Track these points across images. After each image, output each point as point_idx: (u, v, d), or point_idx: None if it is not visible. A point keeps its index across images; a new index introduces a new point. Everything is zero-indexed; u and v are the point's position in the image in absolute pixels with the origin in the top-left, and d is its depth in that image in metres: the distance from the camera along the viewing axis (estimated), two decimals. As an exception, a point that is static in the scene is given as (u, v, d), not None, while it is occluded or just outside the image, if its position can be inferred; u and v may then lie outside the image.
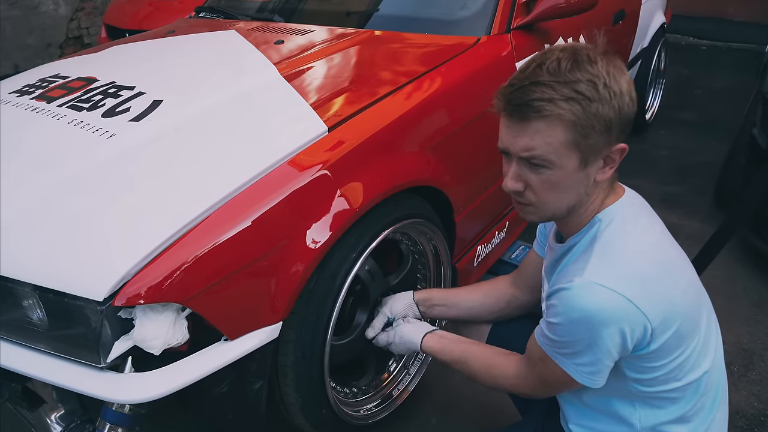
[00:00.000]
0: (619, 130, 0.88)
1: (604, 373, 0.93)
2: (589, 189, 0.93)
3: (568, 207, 0.94)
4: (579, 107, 0.85)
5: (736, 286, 2.14)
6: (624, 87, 0.87)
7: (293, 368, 1.22)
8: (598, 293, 0.86)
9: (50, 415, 1.22)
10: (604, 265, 0.89)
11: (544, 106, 0.85)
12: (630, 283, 0.87)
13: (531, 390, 1.05)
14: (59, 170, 1.21)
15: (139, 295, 0.98)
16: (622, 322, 0.86)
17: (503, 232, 1.96)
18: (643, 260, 0.90)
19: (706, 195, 2.72)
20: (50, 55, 5.03)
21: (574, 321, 0.88)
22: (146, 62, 1.78)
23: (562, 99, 0.85)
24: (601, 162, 0.90)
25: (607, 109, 0.85)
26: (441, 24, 1.84)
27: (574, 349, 0.91)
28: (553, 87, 0.85)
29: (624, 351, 0.89)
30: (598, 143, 0.88)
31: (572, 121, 0.85)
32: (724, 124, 3.40)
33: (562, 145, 0.87)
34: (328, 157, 1.22)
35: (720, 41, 5.33)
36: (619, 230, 0.93)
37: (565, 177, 0.90)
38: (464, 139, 1.58)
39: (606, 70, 0.86)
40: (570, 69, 0.85)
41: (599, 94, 0.85)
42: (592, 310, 0.86)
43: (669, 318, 0.90)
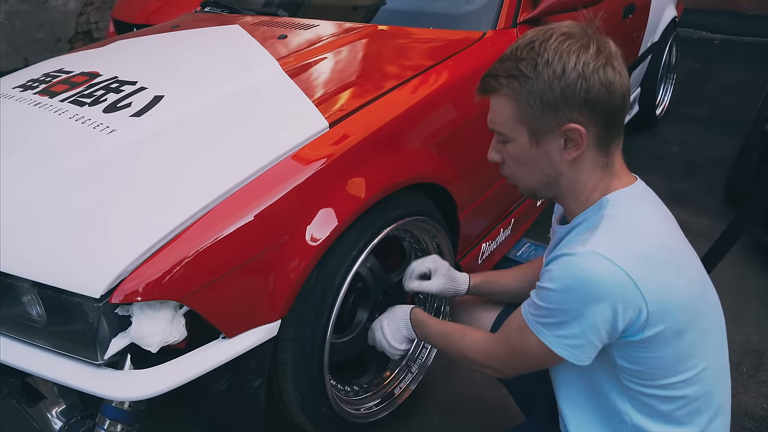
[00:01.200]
0: (569, 107, 0.88)
1: (589, 350, 0.89)
2: (560, 167, 0.93)
3: (541, 184, 0.96)
4: (517, 83, 0.89)
5: (746, 285, 2.10)
6: (569, 67, 0.86)
7: (293, 366, 1.21)
8: (599, 263, 0.84)
9: (51, 410, 1.22)
10: (610, 239, 0.87)
11: (489, 82, 0.93)
12: (634, 261, 0.85)
13: (497, 363, 1.02)
14: (59, 166, 1.20)
15: (137, 292, 0.97)
16: (617, 298, 0.84)
17: (509, 229, 1.94)
18: (651, 242, 0.89)
19: (716, 192, 2.68)
20: (60, 49, 5.05)
21: (569, 288, 0.86)
22: (149, 57, 1.78)
23: (504, 75, 0.91)
24: (560, 141, 0.91)
25: (543, 86, 0.88)
26: (446, 18, 1.82)
27: (559, 318, 0.88)
28: (503, 63, 0.91)
29: (613, 331, 0.87)
30: (543, 120, 0.90)
31: (512, 96, 0.90)
32: (736, 119, 3.35)
33: (509, 118, 0.92)
34: (329, 153, 1.20)
35: (733, 35, 5.25)
36: (628, 210, 0.92)
37: (522, 151, 0.94)
38: (468, 136, 1.56)
39: (556, 48, 0.87)
40: (526, 47, 0.89)
41: (536, 72, 0.88)
42: (590, 280, 0.84)
43: (668, 307, 0.87)
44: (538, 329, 0.91)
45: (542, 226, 2.35)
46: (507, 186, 1.81)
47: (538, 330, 0.91)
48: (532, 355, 0.94)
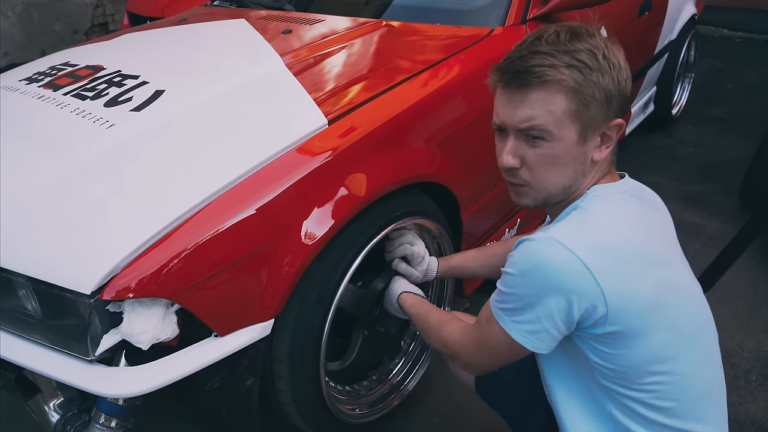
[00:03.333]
0: (617, 104, 0.88)
1: (545, 338, 0.87)
2: (585, 168, 0.91)
3: (564, 188, 0.91)
4: (580, 75, 0.84)
5: (759, 291, 2.05)
6: (622, 62, 0.87)
7: (288, 365, 1.20)
8: (555, 250, 0.82)
9: (49, 402, 1.23)
10: (572, 228, 0.86)
11: (546, 72, 0.84)
12: (594, 252, 0.82)
13: (466, 354, 1.00)
14: (57, 160, 1.20)
15: (128, 288, 0.96)
16: (571, 287, 0.82)
17: (514, 229, 1.91)
18: (618, 236, 0.86)
19: (731, 195, 2.61)
20: (76, 41, 5.09)
21: (524, 272, 0.85)
22: (154, 51, 1.77)
23: (563, 66, 0.84)
24: (598, 139, 0.89)
25: (608, 79, 0.85)
26: (454, 14, 1.79)
27: (516, 303, 0.87)
28: (554, 55, 0.84)
29: (569, 321, 0.84)
30: (597, 116, 0.87)
31: (574, 88, 0.84)
32: (756, 120, 3.27)
33: (564, 114, 0.85)
34: (328, 151, 1.18)
35: (756, 33, 5.12)
36: (602, 203, 0.90)
37: (564, 151, 0.88)
38: (473, 135, 1.53)
39: (604, 43, 0.86)
40: (569, 39, 0.85)
41: (599, 64, 0.85)
42: (544, 266, 0.83)
43: (630, 304, 0.84)
44: (499, 316, 0.90)
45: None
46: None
47: (499, 316, 0.90)
48: (496, 344, 0.92)
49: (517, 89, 0.87)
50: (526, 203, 0.95)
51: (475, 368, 1.04)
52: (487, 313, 0.94)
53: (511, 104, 0.88)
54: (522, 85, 0.86)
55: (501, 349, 0.93)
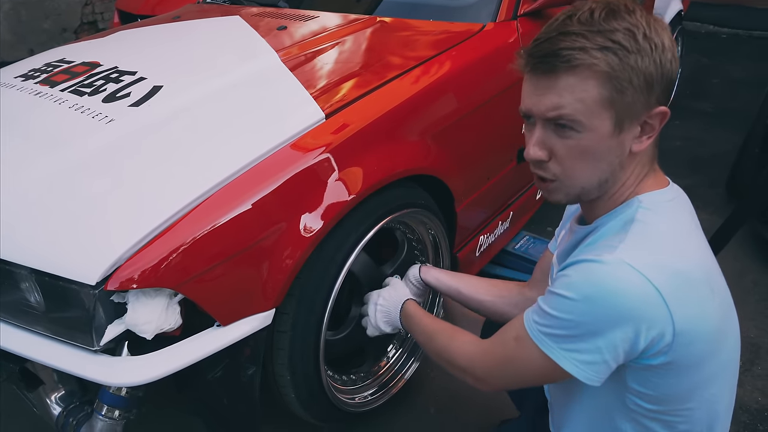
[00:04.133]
0: (660, 90, 0.78)
1: (601, 369, 0.78)
2: (623, 161, 0.81)
3: (600, 182, 0.82)
4: (615, 58, 0.74)
5: (746, 279, 2.10)
6: (666, 42, 0.77)
7: (288, 355, 1.22)
8: (628, 275, 0.73)
9: (50, 395, 1.24)
10: (642, 247, 0.76)
11: (575, 55, 0.75)
12: (667, 276, 0.74)
13: (483, 371, 0.91)
14: (57, 155, 1.21)
15: (132, 279, 0.98)
16: (642, 316, 0.74)
17: (507, 222, 1.94)
18: (688, 257, 0.78)
19: (718, 187, 2.67)
20: (65, 40, 5.06)
21: (589, 299, 0.75)
22: (150, 48, 1.78)
23: (596, 48, 0.75)
24: (637, 129, 0.79)
25: (648, 62, 0.75)
26: (446, 10, 1.81)
27: (572, 331, 0.77)
28: (585, 36, 0.75)
29: (632, 351, 0.76)
30: (636, 103, 0.77)
31: (607, 73, 0.75)
32: (741, 114, 3.33)
33: (596, 102, 0.76)
34: (326, 144, 1.21)
35: (741, 29, 5.20)
36: (663, 217, 0.81)
37: (597, 143, 0.79)
38: (466, 128, 1.56)
39: (646, 20, 0.76)
40: (605, 18, 0.75)
41: (638, 45, 0.75)
42: (615, 293, 0.73)
43: (696, 332, 0.77)
44: (542, 340, 0.80)
45: (542, 218, 2.35)
46: (506, 179, 1.83)
47: (541, 341, 0.80)
48: (530, 367, 0.83)
49: (543, 75, 0.78)
50: (558, 200, 0.86)
51: (492, 386, 0.94)
52: (517, 332, 0.85)
53: (537, 91, 0.80)
54: (549, 71, 0.77)
55: (534, 373, 0.84)
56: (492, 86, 1.65)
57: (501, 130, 1.75)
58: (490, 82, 1.65)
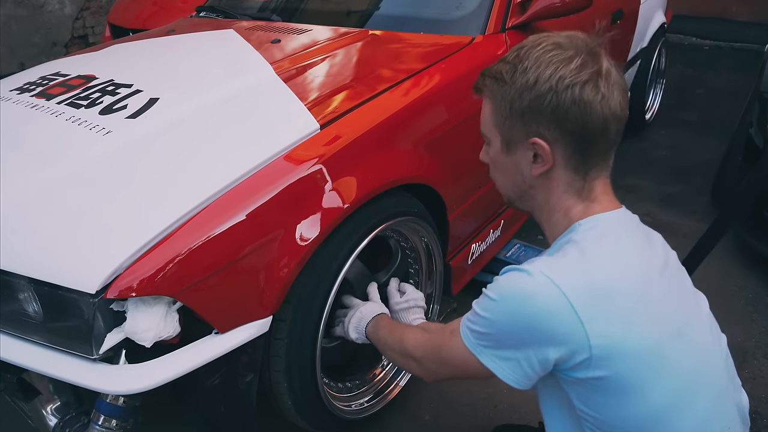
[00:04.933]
0: (537, 121, 0.84)
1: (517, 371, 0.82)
2: (532, 183, 0.90)
3: (516, 194, 0.95)
4: (496, 86, 0.88)
5: (732, 284, 2.14)
6: (541, 78, 0.82)
7: (285, 362, 1.23)
8: (543, 287, 0.78)
9: (46, 407, 1.24)
10: (562, 262, 0.82)
11: (477, 80, 0.92)
12: (584, 292, 0.78)
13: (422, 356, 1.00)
14: (56, 166, 1.23)
15: (131, 287, 1.00)
16: (553, 333, 0.77)
17: (498, 230, 1.97)
18: (612, 273, 0.81)
19: (704, 194, 2.72)
20: (55, 53, 5.07)
21: (506, 303, 0.81)
22: (145, 61, 1.81)
23: (489, 76, 0.89)
24: (529, 154, 0.88)
25: (513, 94, 0.85)
26: (436, 23, 1.85)
27: (490, 330, 0.83)
28: (497, 64, 0.89)
29: (546, 360, 0.80)
30: (513, 128, 0.88)
31: (490, 99, 0.90)
32: (725, 123, 3.40)
33: (488, 121, 0.91)
34: (320, 154, 1.23)
35: (723, 41, 5.32)
36: (597, 235, 0.85)
37: (497, 157, 0.93)
38: (457, 138, 1.59)
39: (538, 57, 0.83)
40: (515, 50, 0.88)
41: (512, 79, 0.85)
42: (527, 300, 0.79)
43: (621, 349, 0.78)
44: (466, 335, 0.87)
45: (532, 227, 2.39)
46: (495, 189, 1.86)
47: (466, 336, 0.87)
48: (457, 359, 0.90)
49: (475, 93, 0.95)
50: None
51: (430, 375, 1.02)
52: (454, 325, 0.92)
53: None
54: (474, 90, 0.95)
55: (461, 366, 0.90)
56: (481, 97, 1.68)
57: (491, 139, 1.78)
58: (480, 93, 1.68)
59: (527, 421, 1.57)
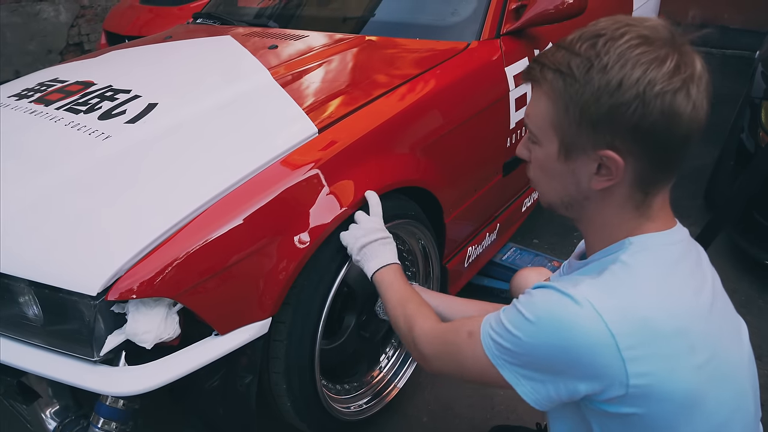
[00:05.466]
0: (611, 131, 0.71)
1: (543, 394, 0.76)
2: (588, 194, 0.78)
3: (562, 203, 0.82)
4: (561, 83, 0.73)
5: (725, 287, 2.12)
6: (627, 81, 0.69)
7: (284, 363, 1.24)
8: (586, 317, 0.69)
9: (45, 410, 1.24)
10: (609, 289, 0.72)
11: (533, 70, 0.77)
12: (630, 326, 0.69)
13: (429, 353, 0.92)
14: (56, 171, 1.24)
15: (132, 290, 1.00)
16: (589, 366, 0.70)
17: (494, 233, 1.99)
18: (665, 307, 0.72)
19: (697, 199, 2.75)
20: (50, 61, 5.08)
21: (541, 322, 0.73)
22: (143, 67, 1.82)
23: (551, 68, 0.74)
24: (593, 165, 0.75)
25: (588, 97, 0.71)
26: (432, 29, 1.88)
27: (519, 349, 0.76)
28: (558, 52, 0.75)
29: (574, 392, 0.73)
30: (579, 135, 0.74)
31: (551, 96, 0.75)
32: (717, 129, 3.42)
33: (545, 120, 0.77)
34: (319, 157, 1.25)
35: (715, 48, 5.38)
36: (650, 260, 0.76)
37: (548, 161, 0.79)
38: (454, 142, 1.61)
39: (622, 53, 0.69)
40: (588, 40, 0.72)
41: (587, 77, 0.70)
42: (567, 327, 0.70)
43: (660, 389, 0.71)
44: (489, 347, 0.79)
45: (528, 231, 2.41)
46: (493, 191, 1.88)
47: (489, 347, 0.79)
48: (473, 365, 0.82)
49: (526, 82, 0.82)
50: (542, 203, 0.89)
51: (433, 368, 0.94)
52: (472, 327, 0.84)
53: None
54: (526, 79, 0.81)
55: (476, 372, 0.83)
56: (477, 102, 1.71)
57: (487, 144, 1.80)
58: (475, 98, 1.70)
59: (524, 422, 1.58)
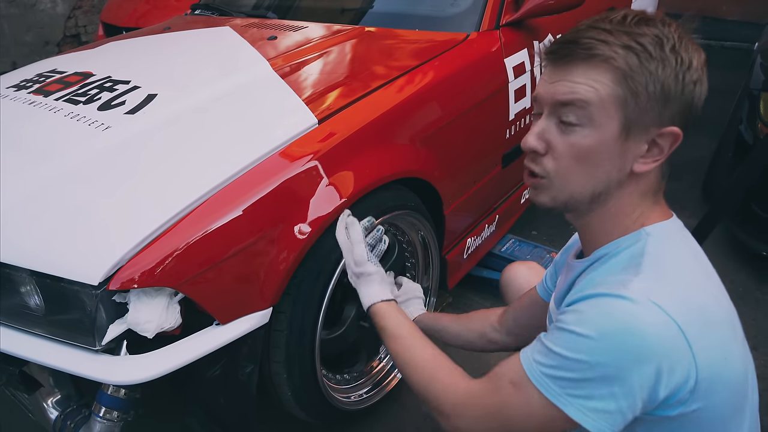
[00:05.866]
0: (677, 108, 0.73)
1: (617, 419, 0.68)
2: (622, 179, 0.75)
3: (592, 194, 0.76)
4: (636, 59, 0.71)
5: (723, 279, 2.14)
6: (695, 62, 0.73)
7: (285, 353, 1.25)
8: (649, 311, 0.66)
9: (47, 399, 1.25)
10: (661, 282, 0.70)
11: (596, 45, 0.72)
12: (690, 315, 0.67)
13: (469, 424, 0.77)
14: (56, 161, 1.24)
15: (133, 279, 1.01)
16: (665, 357, 0.66)
17: (493, 225, 1.99)
18: (708, 295, 0.72)
19: (695, 191, 2.76)
20: (47, 52, 5.06)
21: (606, 336, 0.66)
22: (142, 58, 1.82)
23: (618, 45, 0.71)
24: (644, 146, 0.74)
25: (669, 73, 0.71)
26: (431, 20, 1.87)
27: (584, 374, 0.67)
28: (611, 32, 0.72)
29: (652, 400, 0.68)
30: (648, 112, 0.72)
31: (624, 71, 0.71)
32: (715, 121, 3.43)
33: (608, 97, 0.72)
34: (318, 148, 1.25)
35: (713, 40, 5.37)
36: (676, 251, 0.75)
37: (599, 144, 0.73)
38: (453, 133, 1.62)
39: (679, 35, 0.72)
40: (637, 23, 0.72)
41: (663, 54, 0.71)
42: (635, 330, 0.65)
43: (720, 378, 0.70)
44: (545, 384, 0.70)
45: (527, 222, 2.42)
46: (491, 183, 1.89)
47: (545, 385, 0.70)
48: (528, 417, 0.72)
49: (561, 61, 0.74)
50: (543, 202, 0.80)
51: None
52: (513, 375, 0.73)
53: (551, 78, 0.75)
54: (566, 56, 0.73)
55: (533, 423, 0.72)
56: (476, 94, 1.71)
57: (486, 135, 1.80)
58: (474, 89, 1.70)
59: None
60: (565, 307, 0.73)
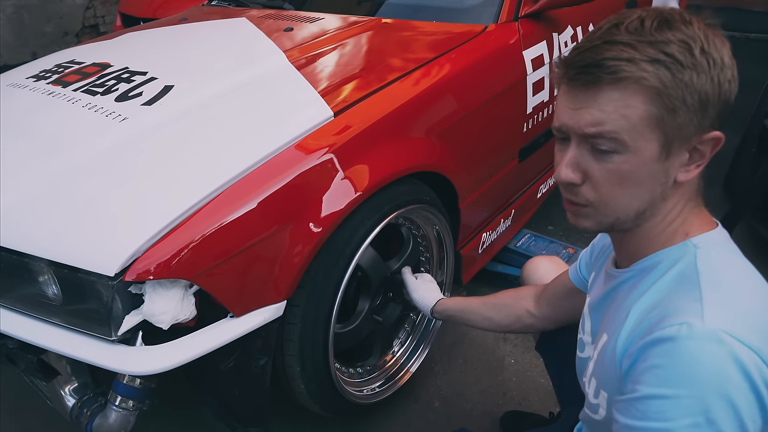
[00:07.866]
0: (716, 112, 0.68)
1: None
2: (666, 192, 0.71)
3: (637, 213, 0.72)
4: (667, 73, 0.65)
5: None
6: (726, 59, 0.68)
7: (298, 346, 1.25)
8: (729, 347, 0.61)
9: (64, 387, 1.27)
10: (727, 307, 0.65)
11: (622, 66, 0.66)
12: (764, 339, 0.63)
13: None
14: (74, 152, 1.24)
15: (149, 271, 1.01)
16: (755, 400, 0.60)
17: (509, 220, 1.98)
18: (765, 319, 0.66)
19: (716, 186, 2.70)
20: (67, 43, 5.11)
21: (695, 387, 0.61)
22: (158, 49, 1.82)
23: (645, 60, 0.65)
24: (686, 155, 0.70)
25: (705, 79, 0.66)
26: (449, 12, 1.85)
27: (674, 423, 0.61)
28: (634, 46, 0.66)
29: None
30: (688, 126, 0.67)
31: (657, 89, 0.66)
32: (738, 115, 3.34)
33: (642, 121, 0.67)
34: (334, 141, 1.24)
35: (737, 32, 5.26)
36: (729, 265, 0.71)
37: (639, 168, 0.69)
38: (469, 127, 1.60)
39: (704, 33, 0.67)
40: (658, 27, 0.66)
41: (695, 60, 0.65)
42: (722, 372, 0.60)
43: None
44: None
45: (542, 218, 2.39)
46: (507, 177, 1.87)
47: None
48: None
49: (583, 87, 0.69)
50: (586, 227, 0.76)
51: None
52: None
53: (575, 105, 0.70)
54: (590, 82, 0.68)
55: None
56: (494, 86, 1.68)
57: (503, 129, 1.78)
58: (491, 82, 1.68)
59: (536, 408, 1.58)
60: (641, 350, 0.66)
